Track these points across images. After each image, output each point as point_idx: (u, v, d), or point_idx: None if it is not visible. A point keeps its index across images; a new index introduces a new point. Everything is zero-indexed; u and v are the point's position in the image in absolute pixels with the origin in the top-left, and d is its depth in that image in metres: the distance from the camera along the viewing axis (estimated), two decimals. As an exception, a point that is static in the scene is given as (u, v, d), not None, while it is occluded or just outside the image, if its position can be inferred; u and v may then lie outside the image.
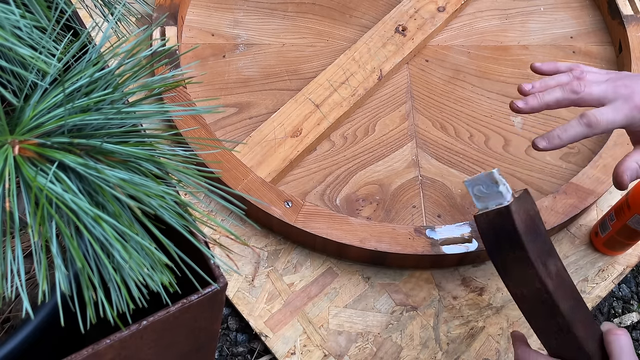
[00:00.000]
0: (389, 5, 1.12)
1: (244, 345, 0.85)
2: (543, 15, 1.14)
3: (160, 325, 0.51)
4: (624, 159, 0.74)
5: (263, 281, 0.87)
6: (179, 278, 0.46)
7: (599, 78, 0.75)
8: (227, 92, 1.02)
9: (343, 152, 0.98)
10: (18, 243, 0.41)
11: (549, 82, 0.76)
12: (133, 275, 0.42)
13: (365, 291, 0.87)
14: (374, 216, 0.93)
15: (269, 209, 0.86)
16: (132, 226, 0.43)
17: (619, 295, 0.92)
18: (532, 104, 0.74)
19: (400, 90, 1.04)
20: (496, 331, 0.86)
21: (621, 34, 1.07)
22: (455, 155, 0.98)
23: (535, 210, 0.73)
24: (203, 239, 0.49)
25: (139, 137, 0.46)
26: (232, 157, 0.90)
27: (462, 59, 1.08)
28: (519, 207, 0.71)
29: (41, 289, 0.40)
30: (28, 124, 0.43)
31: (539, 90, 0.75)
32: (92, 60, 0.47)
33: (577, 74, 0.75)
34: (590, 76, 0.75)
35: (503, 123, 1.02)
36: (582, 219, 0.95)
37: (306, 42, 1.08)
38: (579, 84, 0.73)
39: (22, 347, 0.47)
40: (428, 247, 0.85)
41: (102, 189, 0.41)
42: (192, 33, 1.07)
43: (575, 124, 0.71)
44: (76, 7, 0.56)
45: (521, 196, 0.72)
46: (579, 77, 0.75)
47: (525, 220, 0.71)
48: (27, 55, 0.40)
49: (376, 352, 0.84)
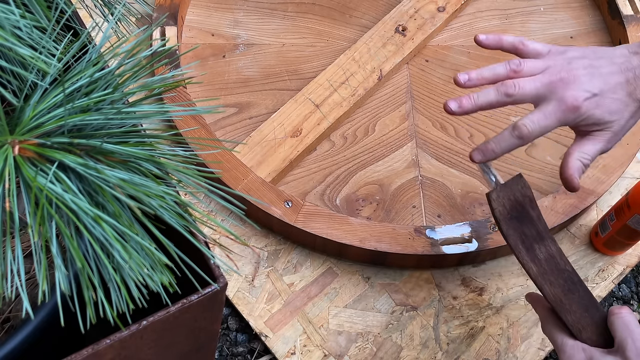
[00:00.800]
0: (389, 5, 1.12)
1: (244, 345, 0.85)
2: (543, 15, 1.14)
3: (160, 325, 0.51)
4: (567, 160, 0.71)
5: (263, 281, 0.87)
6: (179, 278, 0.46)
7: (535, 68, 0.71)
8: (227, 92, 1.02)
9: (343, 152, 0.98)
10: (18, 243, 0.41)
11: (485, 73, 0.72)
12: (133, 275, 0.42)
13: (365, 291, 0.87)
14: (374, 216, 0.93)
15: (269, 209, 0.86)
16: (132, 226, 0.43)
17: (619, 295, 0.92)
18: (465, 107, 0.71)
19: (400, 90, 1.04)
20: (496, 331, 0.86)
21: (621, 34, 1.07)
22: (455, 155, 0.98)
23: (526, 195, 0.72)
24: (203, 239, 0.49)
25: (139, 137, 0.46)
26: (232, 157, 0.90)
27: (462, 59, 1.08)
28: (502, 194, 0.72)
29: (41, 289, 0.40)
30: (28, 124, 0.43)
31: (474, 84, 0.72)
32: (92, 60, 0.47)
33: (514, 66, 0.71)
34: (528, 67, 0.71)
35: (503, 123, 1.02)
36: (582, 219, 0.95)
37: (306, 42, 1.08)
38: (513, 85, 0.70)
39: (22, 347, 0.47)
40: (428, 247, 0.85)
41: (102, 189, 0.41)
42: (192, 33, 1.07)
43: (508, 136, 0.69)
44: (76, 7, 0.56)
45: (508, 182, 0.72)
46: (515, 70, 0.71)
47: (509, 206, 0.71)
48: (27, 55, 0.40)
49: (376, 352, 0.84)
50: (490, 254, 0.89)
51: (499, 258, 0.91)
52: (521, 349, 0.85)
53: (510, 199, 0.72)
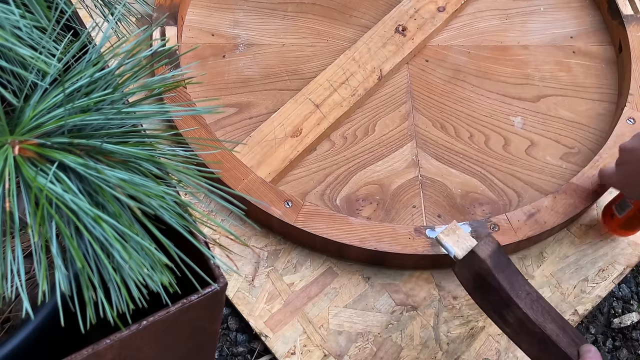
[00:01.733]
0: (389, 5, 1.12)
1: (244, 345, 0.85)
2: (543, 15, 1.14)
3: (160, 325, 0.51)
4: None
5: (263, 281, 0.87)
6: (179, 278, 0.46)
7: None
8: (227, 92, 1.02)
9: (343, 152, 0.98)
10: (18, 243, 0.41)
11: None
12: (133, 275, 0.42)
13: (365, 291, 0.87)
14: (374, 216, 0.93)
15: (269, 209, 0.86)
16: (132, 226, 0.43)
17: (619, 295, 0.92)
18: None
19: (400, 90, 1.04)
20: (496, 331, 0.86)
21: (621, 34, 1.07)
22: (455, 155, 0.99)
23: (482, 268, 0.74)
24: (203, 239, 0.49)
25: (139, 138, 0.46)
26: (232, 157, 0.90)
27: (462, 59, 1.08)
28: (462, 270, 0.76)
29: (41, 289, 0.40)
30: (28, 124, 0.43)
31: None
32: (92, 60, 0.47)
33: None
34: None
35: (503, 123, 1.02)
36: (582, 219, 0.95)
37: (306, 42, 1.08)
38: None
39: (22, 347, 0.47)
40: (428, 247, 0.85)
41: (102, 189, 0.41)
42: (192, 33, 1.07)
43: None
44: (76, 7, 0.56)
45: (465, 258, 0.75)
46: None
47: (472, 278, 0.76)
48: (27, 55, 0.40)
49: (376, 352, 0.84)
50: (490, 254, 0.89)
51: (499, 258, 0.91)
52: (521, 349, 0.85)
53: (471, 272, 0.75)
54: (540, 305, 0.73)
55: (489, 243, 0.74)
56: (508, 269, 0.74)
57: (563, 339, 0.72)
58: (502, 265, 0.74)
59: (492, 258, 0.74)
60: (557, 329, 0.72)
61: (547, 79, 1.06)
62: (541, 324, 0.72)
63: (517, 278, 0.74)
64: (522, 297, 0.73)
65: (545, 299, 0.75)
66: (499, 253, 0.74)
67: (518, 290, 0.73)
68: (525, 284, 0.74)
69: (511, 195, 0.96)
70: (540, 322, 0.72)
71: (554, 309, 0.74)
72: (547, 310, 0.73)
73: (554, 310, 0.74)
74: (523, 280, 0.75)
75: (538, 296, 0.74)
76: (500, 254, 0.74)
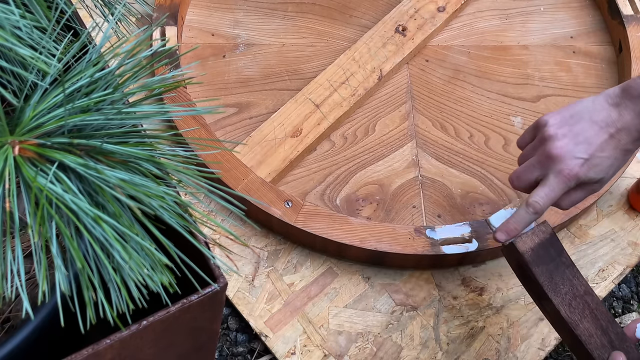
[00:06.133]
0: (389, 5, 1.12)
1: (244, 345, 0.85)
2: (543, 15, 1.14)
3: (160, 325, 0.51)
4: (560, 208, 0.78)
5: (263, 281, 0.87)
6: (179, 278, 0.46)
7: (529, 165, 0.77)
8: (227, 92, 1.02)
9: (343, 152, 0.98)
10: (18, 243, 0.41)
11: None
12: (133, 275, 0.42)
13: (365, 291, 0.87)
14: (374, 216, 0.93)
15: (269, 209, 0.86)
16: (132, 227, 0.43)
17: (619, 295, 0.92)
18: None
19: (400, 90, 1.04)
20: (496, 331, 0.86)
21: (621, 34, 1.07)
22: (455, 155, 0.99)
23: (521, 259, 0.74)
24: (203, 240, 0.49)
25: (139, 138, 0.46)
26: (232, 157, 0.90)
27: (462, 59, 1.08)
28: (508, 254, 0.77)
29: (41, 289, 0.40)
30: (28, 124, 0.43)
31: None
32: (92, 60, 0.47)
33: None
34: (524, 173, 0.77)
35: (503, 123, 1.02)
36: (582, 219, 0.95)
37: (306, 42, 1.08)
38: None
39: (22, 347, 0.47)
40: (428, 247, 0.85)
41: (102, 189, 0.41)
42: (192, 33, 1.07)
43: (524, 214, 0.75)
44: (76, 7, 0.56)
45: (508, 245, 0.75)
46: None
47: (515, 266, 0.77)
48: (27, 55, 0.40)
49: (376, 352, 0.84)
50: (491, 254, 0.89)
51: (499, 258, 0.90)
52: (521, 349, 0.85)
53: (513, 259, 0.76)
54: (583, 302, 0.72)
55: (538, 233, 0.75)
56: (553, 262, 0.74)
57: (596, 340, 0.71)
58: (544, 258, 0.74)
59: (533, 251, 0.74)
60: (593, 329, 0.71)
61: (547, 79, 1.06)
62: (573, 322, 0.71)
63: (564, 271, 0.73)
64: (562, 292, 0.72)
65: (595, 296, 0.73)
66: (546, 244, 0.74)
67: (560, 285, 0.73)
68: (573, 278, 0.73)
69: (511, 195, 0.96)
70: (574, 321, 0.71)
71: (602, 308, 0.73)
72: (590, 308, 0.72)
73: (601, 309, 0.73)
74: (572, 274, 0.74)
75: (586, 292, 0.73)
76: (546, 245, 0.74)
